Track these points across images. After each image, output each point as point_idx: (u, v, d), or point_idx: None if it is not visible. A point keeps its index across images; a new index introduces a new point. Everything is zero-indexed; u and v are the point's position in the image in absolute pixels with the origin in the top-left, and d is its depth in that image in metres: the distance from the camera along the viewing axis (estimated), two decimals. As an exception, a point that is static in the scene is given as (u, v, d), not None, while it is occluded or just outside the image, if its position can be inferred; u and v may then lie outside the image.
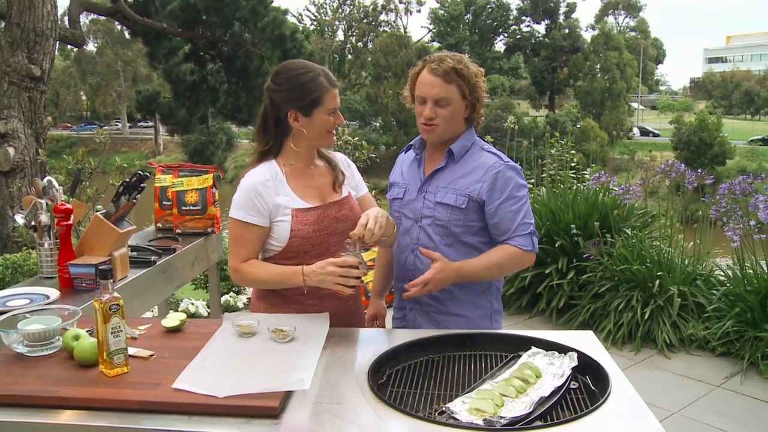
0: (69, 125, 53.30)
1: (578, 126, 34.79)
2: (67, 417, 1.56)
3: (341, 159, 2.45)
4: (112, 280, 1.70)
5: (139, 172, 2.80)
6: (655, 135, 45.63)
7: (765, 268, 4.77)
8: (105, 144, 6.20)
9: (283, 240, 2.19)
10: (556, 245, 5.53)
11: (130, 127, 52.76)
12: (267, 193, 2.17)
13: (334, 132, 2.29)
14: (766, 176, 5.18)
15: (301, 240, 2.18)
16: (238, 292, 5.78)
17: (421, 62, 2.36)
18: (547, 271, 5.47)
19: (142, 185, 2.79)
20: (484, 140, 2.49)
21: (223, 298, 5.54)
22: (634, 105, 51.89)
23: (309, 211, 2.21)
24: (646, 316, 4.87)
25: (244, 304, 5.63)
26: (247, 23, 12.55)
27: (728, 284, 4.96)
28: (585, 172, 6.74)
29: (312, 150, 2.31)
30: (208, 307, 5.43)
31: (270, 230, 2.20)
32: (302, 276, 2.08)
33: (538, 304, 5.55)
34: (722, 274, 5.16)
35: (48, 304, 2.39)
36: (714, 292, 4.98)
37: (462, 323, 2.37)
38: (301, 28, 15.14)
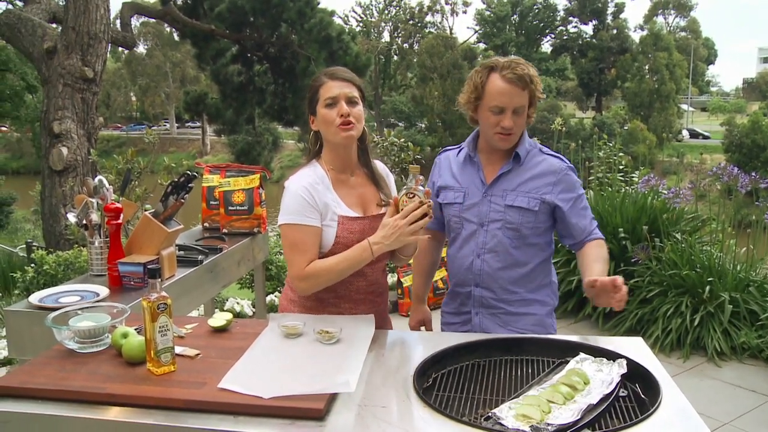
0: (119, 125, 54.56)
1: (626, 128, 34.22)
2: (114, 414, 1.58)
3: (381, 168, 2.41)
4: (160, 279, 1.72)
5: (188, 172, 2.84)
6: (705, 137, 44.59)
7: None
8: (154, 144, 6.30)
9: (326, 246, 2.17)
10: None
11: (177, 128, 53.72)
12: (317, 194, 2.16)
13: (346, 126, 2.14)
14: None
15: (344, 248, 2.14)
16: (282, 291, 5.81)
17: (484, 69, 2.32)
18: (593, 276, 5.37)
19: (190, 185, 2.82)
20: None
21: (268, 298, 5.58)
22: (684, 107, 50.79)
23: (355, 220, 2.19)
24: (696, 323, 4.76)
25: (288, 303, 5.65)
26: (294, 25, 12.66)
27: (783, 291, 4.82)
28: (633, 175, 6.61)
29: (342, 153, 2.24)
30: (254, 307, 5.48)
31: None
32: (370, 248, 2.06)
33: (584, 308, 5.47)
34: (777, 280, 5.01)
35: (98, 301, 2.44)
36: (768, 299, 4.84)
37: (530, 321, 2.39)
38: (347, 30, 15.22)
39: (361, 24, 52.92)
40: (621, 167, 6.52)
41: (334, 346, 1.90)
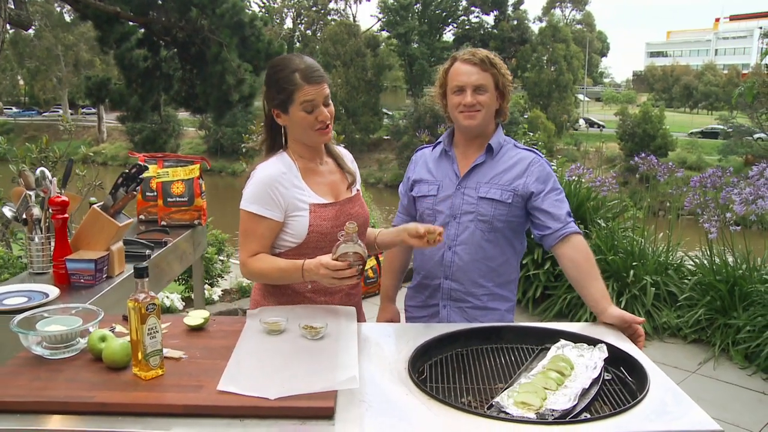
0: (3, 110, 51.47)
1: (526, 116, 35.28)
2: (107, 424, 1.47)
3: (346, 155, 2.41)
4: (147, 279, 1.63)
5: (139, 164, 2.70)
6: (600, 126, 46.53)
7: (731, 259, 4.93)
8: (71, 132, 5.96)
9: (300, 236, 2.13)
10: (532, 236, 5.57)
11: (71, 114, 51.17)
12: (284, 186, 2.11)
13: (324, 130, 2.15)
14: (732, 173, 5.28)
15: (319, 236, 2.14)
16: (211, 285, 5.65)
17: (449, 59, 2.41)
18: (523, 262, 5.49)
19: (140, 177, 2.69)
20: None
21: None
22: (580, 96, 52.84)
23: (327, 206, 2.17)
24: (622, 306, 4.96)
25: (218, 296, 5.51)
26: (205, 9, 12.22)
27: (699, 274, 5.09)
28: (552, 163, 6.81)
29: (312, 147, 2.24)
30: (183, 301, 5.30)
31: (284, 225, 2.14)
32: (302, 272, 2.04)
33: (513, 294, 5.59)
34: (692, 264, 5.29)
35: (49, 302, 2.28)
36: (685, 281, 5.11)
37: (495, 317, 2.40)
38: (259, 15, 14.89)
39: (263, 9, 51.97)
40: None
41: (321, 342, 1.86)
